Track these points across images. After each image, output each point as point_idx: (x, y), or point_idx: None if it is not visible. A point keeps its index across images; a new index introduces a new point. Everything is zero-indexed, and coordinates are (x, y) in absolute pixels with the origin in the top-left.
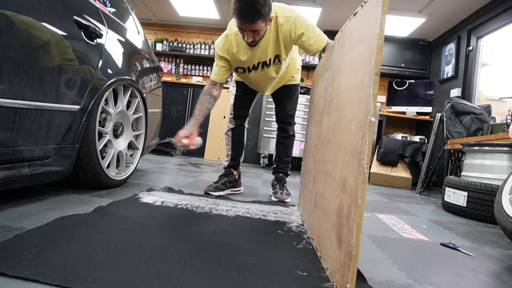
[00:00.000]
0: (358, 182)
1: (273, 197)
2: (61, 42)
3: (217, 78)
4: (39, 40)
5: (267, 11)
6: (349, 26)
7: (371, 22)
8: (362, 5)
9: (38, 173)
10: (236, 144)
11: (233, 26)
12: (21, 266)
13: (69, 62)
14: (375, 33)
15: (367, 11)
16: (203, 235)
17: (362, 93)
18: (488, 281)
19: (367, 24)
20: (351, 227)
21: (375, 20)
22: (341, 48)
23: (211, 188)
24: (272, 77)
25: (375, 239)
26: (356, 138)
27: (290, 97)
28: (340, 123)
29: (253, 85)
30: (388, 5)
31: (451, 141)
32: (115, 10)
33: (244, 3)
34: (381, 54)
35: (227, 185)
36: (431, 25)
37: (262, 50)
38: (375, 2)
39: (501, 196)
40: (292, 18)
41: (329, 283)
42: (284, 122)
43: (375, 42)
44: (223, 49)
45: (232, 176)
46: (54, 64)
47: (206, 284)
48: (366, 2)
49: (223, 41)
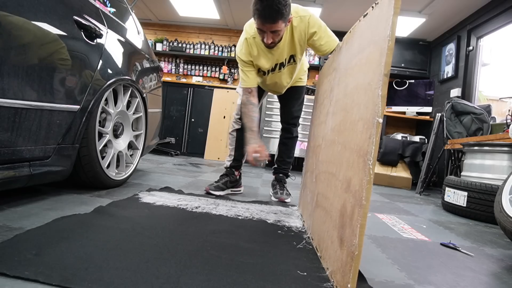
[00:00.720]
0: (363, 182)
1: (273, 197)
2: (61, 42)
3: (251, 84)
4: (39, 40)
5: (288, 11)
6: (359, 27)
7: (382, 24)
8: (373, 6)
9: (38, 173)
10: (240, 144)
11: (249, 29)
12: (21, 266)
13: (69, 62)
14: (386, 35)
15: (378, 13)
16: (203, 235)
17: (370, 94)
18: (488, 281)
19: (378, 25)
20: (354, 227)
21: (386, 21)
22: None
23: (212, 187)
24: (287, 78)
25: (375, 239)
26: (363, 139)
27: (297, 99)
28: (346, 123)
29: (269, 87)
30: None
31: (451, 141)
32: (115, 10)
33: (266, 3)
34: (391, 55)
35: (228, 185)
36: (431, 25)
37: (280, 51)
38: (387, 3)
39: (501, 196)
40: (306, 17)
41: (329, 283)
42: (289, 123)
43: (385, 44)
44: (246, 53)
45: (233, 176)
46: (54, 64)
47: (206, 284)
48: (378, 3)
49: (245, 46)
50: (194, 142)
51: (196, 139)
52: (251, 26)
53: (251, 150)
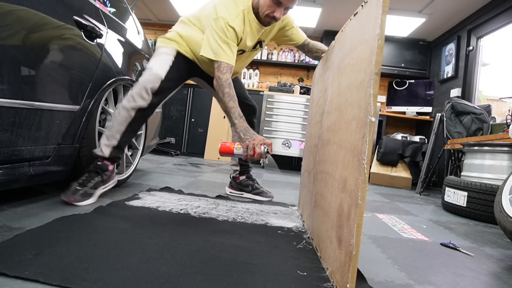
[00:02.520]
0: (358, 182)
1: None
2: (61, 42)
3: (233, 62)
4: (39, 40)
5: None
6: (350, 26)
7: (371, 22)
8: (363, 5)
9: (38, 173)
10: (133, 128)
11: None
12: (21, 266)
13: (69, 62)
14: (375, 33)
15: (367, 11)
16: (203, 235)
17: (362, 93)
18: (488, 281)
19: (368, 24)
20: (351, 227)
21: (375, 20)
22: (341, 48)
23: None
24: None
25: (375, 239)
26: (356, 138)
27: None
28: (341, 123)
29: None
30: (388, 5)
31: (451, 141)
32: (115, 10)
33: None
34: (381, 54)
35: (99, 186)
36: (431, 25)
37: (266, 32)
38: (376, 2)
39: (501, 196)
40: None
41: (329, 283)
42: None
43: (375, 42)
44: (241, 26)
45: (106, 174)
46: (54, 64)
47: (206, 284)
48: (367, 2)
49: (240, 18)
50: (194, 142)
51: (196, 139)
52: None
53: (258, 140)
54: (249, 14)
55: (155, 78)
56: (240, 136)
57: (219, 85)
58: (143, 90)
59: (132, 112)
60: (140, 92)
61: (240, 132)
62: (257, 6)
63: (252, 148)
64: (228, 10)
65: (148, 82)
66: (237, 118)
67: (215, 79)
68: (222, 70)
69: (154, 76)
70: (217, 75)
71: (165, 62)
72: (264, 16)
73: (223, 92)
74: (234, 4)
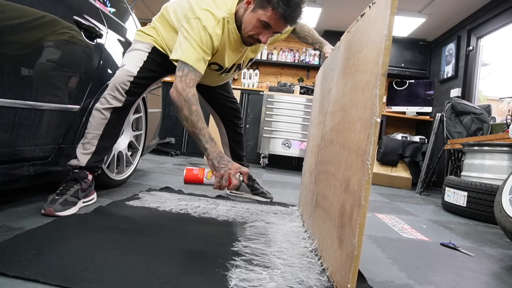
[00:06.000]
0: (361, 182)
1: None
2: (61, 42)
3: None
4: (39, 40)
5: None
6: (356, 27)
7: (379, 23)
8: (370, 6)
9: (38, 173)
10: (112, 133)
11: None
12: (21, 266)
13: (69, 62)
14: (383, 34)
15: (375, 12)
16: (203, 235)
17: (368, 93)
18: (488, 281)
19: (375, 25)
20: (353, 227)
21: (383, 21)
22: (347, 49)
23: (57, 207)
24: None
25: (375, 239)
26: (361, 139)
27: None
28: (345, 123)
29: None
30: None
31: (451, 141)
32: (115, 10)
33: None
34: (388, 55)
35: (80, 195)
36: (431, 25)
37: (248, 52)
38: (384, 3)
39: (501, 196)
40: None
41: (329, 283)
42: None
43: (382, 43)
44: (218, 38)
45: (85, 182)
46: (54, 64)
47: (206, 284)
48: (375, 3)
49: (220, 26)
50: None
51: None
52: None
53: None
54: (230, 24)
55: (127, 75)
56: (214, 164)
57: (185, 100)
58: (114, 89)
59: (107, 113)
60: (112, 92)
61: (214, 160)
62: (240, 20)
63: (228, 179)
64: (207, 13)
65: (119, 80)
66: (208, 142)
67: (175, 91)
68: (188, 81)
69: (125, 74)
70: (181, 87)
71: (138, 58)
72: (247, 36)
73: (190, 109)
74: (215, 7)
